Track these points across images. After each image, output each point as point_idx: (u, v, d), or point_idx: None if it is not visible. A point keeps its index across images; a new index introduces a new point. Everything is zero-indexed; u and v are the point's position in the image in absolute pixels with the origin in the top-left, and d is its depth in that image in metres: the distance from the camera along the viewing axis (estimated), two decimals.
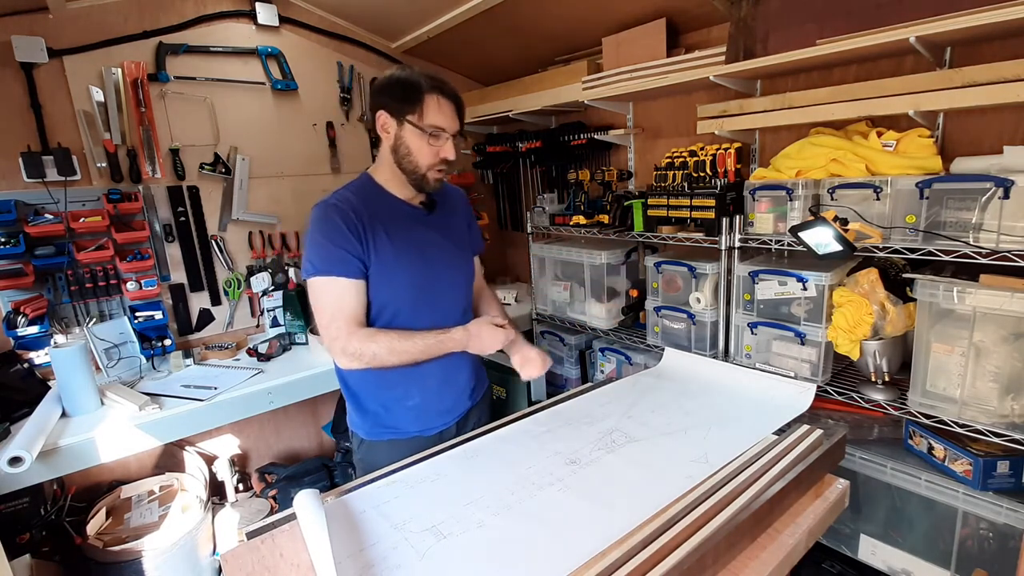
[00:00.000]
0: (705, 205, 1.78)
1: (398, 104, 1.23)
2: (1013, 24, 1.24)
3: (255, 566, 0.92)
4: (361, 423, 1.41)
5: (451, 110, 1.23)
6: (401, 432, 1.39)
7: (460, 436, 1.36)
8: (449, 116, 1.23)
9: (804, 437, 1.20)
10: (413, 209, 1.35)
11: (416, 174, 1.26)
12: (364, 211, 1.27)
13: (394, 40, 2.81)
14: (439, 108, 1.21)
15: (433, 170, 1.26)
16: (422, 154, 1.24)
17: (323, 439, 2.87)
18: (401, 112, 1.22)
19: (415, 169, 1.26)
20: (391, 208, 1.32)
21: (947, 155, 1.52)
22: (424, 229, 1.35)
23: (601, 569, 0.84)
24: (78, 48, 2.09)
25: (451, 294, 1.40)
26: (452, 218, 1.44)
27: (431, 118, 1.21)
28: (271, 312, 2.56)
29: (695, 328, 1.91)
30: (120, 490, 2.21)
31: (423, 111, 1.21)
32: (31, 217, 2.00)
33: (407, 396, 1.37)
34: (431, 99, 1.21)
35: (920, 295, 1.37)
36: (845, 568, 1.60)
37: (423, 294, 1.33)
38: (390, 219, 1.30)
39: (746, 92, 1.94)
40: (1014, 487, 1.27)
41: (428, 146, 1.23)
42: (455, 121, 1.24)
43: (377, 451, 1.38)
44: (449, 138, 1.24)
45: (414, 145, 1.24)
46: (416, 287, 1.32)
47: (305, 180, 2.69)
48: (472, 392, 1.48)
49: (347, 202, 1.27)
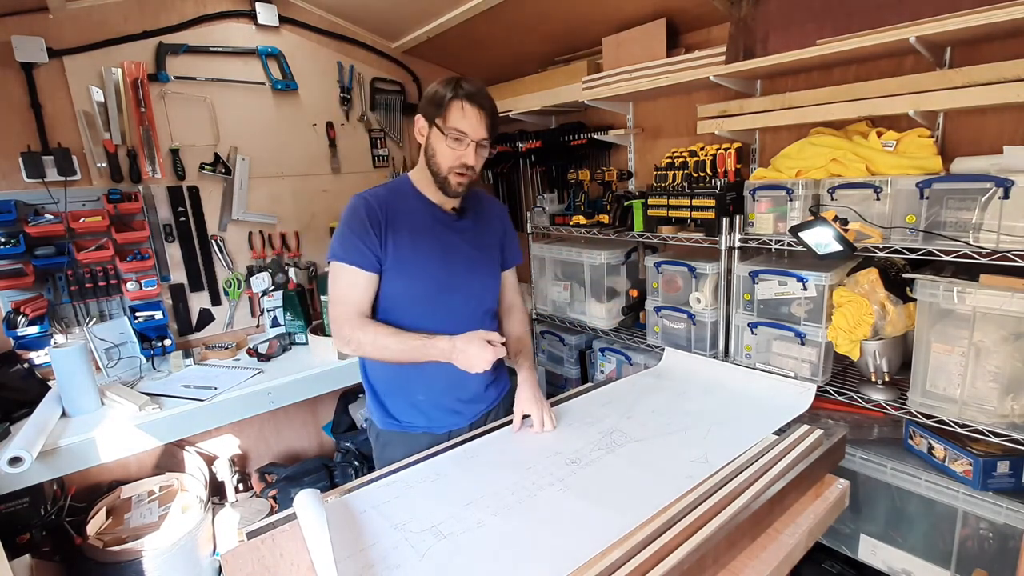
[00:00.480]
0: (705, 205, 1.78)
1: (431, 108, 1.27)
2: (1013, 24, 1.24)
3: (255, 566, 0.92)
4: (376, 411, 1.44)
5: (476, 118, 1.25)
6: (409, 427, 1.41)
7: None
8: (473, 123, 1.25)
9: (804, 437, 1.20)
10: (443, 213, 1.37)
11: (439, 176, 1.30)
12: (391, 208, 1.31)
13: (394, 40, 2.81)
14: (463, 114, 1.24)
15: (453, 173, 1.29)
16: (444, 157, 1.27)
17: (323, 439, 2.87)
18: (431, 116, 1.27)
19: (438, 171, 1.30)
20: (420, 208, 1.36)
21: (947, 155, 1.52)
22: (450, 233, 1.37)
23: (601, 569, 0.84)
24: (78, 48, 2.09)
25: (469, 301, 1.40)
26: (484, 228, 1.46)
27: (453, 122, 1.24)
28: (271, 312, 2.56)
29: (695, 328, 1.91)
30: (120, 490, 2.20)
31: (447, 115, 1.24)
32: (31, 217, 2.00)
33: (414, 392, 1.39)
34: (456, 104, 1.23)
35: (920, 295, 1.37)
36: (845, 568, 1.60)
37: (439, 295, 1.34)
38: (416, 218, 1.34)
39: (746, 92, 1.94)
40: (1014, 487, 1.27)
41: (449, 150, 1.26)
42: (480, 129, 1.26)
43: (389, 441, 1.42)
44: (471, 143, 1.26)
45: (438, 148, 1.28)
46: (431, 287, 1.34)
47: (305, 180, 2.69)
48: (485, 394, 1.47)
49: (376, 197, 1.32)
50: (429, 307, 1.34)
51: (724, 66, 1.78)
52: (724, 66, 1.78)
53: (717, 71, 1.79)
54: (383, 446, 1.43)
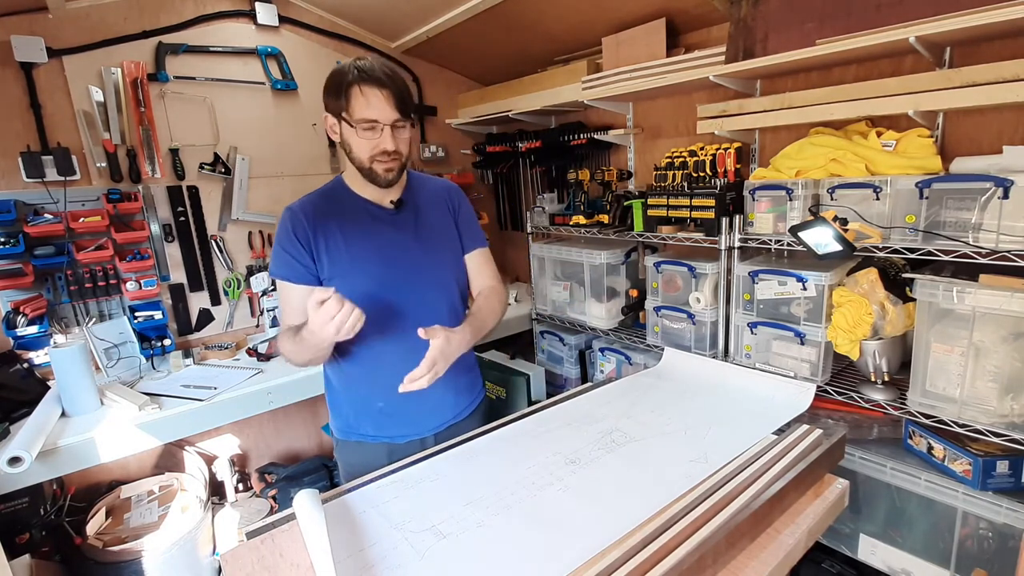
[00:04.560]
0: (705, 205, 1.78)
1: (332, 101, 1.18)
2: (1013, 24, 1.24)
3: (255, 566, 0.92)
4: (335, 421, 1.40)
5: (379, 99, 1.14)
6: (368, 436, 1.36)
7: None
8: (378, 105, 1.15)
9: (804, 437, 1.20)
10: (379, 210, 1.30)
11: (363, 168, 1.23)
12: (321, 214, 1.26)
13: (394, 40, 2.81)
14: (366, 100, 1.14)
15: (376, 162, 1.20)
16: (360, 148, 1.19)
17: (323, 439, 2.87)
18: (335, 110, 1.19)
19: (360, 164, 1.22)
20: (353, 209, 1.29)
21: (947, 155, 1.52)
22: (390, 230, 1.30)
23: (601, 569, 0.84)
24: (78, 48, 2.09)
25: (421, 300, 1.31)
26: (430, 216, 1.36)
27: (359, 112, 1.15)
28: (271, 312, 2.56)
29: (695, 328, 1.91)
30: (120, 490, 2.20)
31: (350, 106, 1.15)
32: (31, 217, 2.00)
33: (373, 398, 1.33)
34: (355, 91, 1.14)
35: (920, 295, 1.37)
36: (845, 568, 1.60)
37: (386, 296, 1.27)
38: (350, 221, 1.27)
39: (746, 92, 1.94)
40: (1014, 487, 1.27)
41: (365, 140, 1.18)
42: (389, 110, 1.15)
43: (348, 451, 1.37)
44: (386, 127, 1.16)
45: (352, 141, 1.19)
46: (375, 289, 1.26)
47: (305, 180, 2.69)
48: (452, 402, 1.40)
49: (305, 207, 1.27)
50: (376, 311, 1.21)
51: (724, 66, 1.78)
52: (724, 66, 1.78)
53: (717, 71, 1.79)
54: (343, 456, 1.38)
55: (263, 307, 2.57)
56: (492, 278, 1.46)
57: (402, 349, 1.26)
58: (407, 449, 1.34)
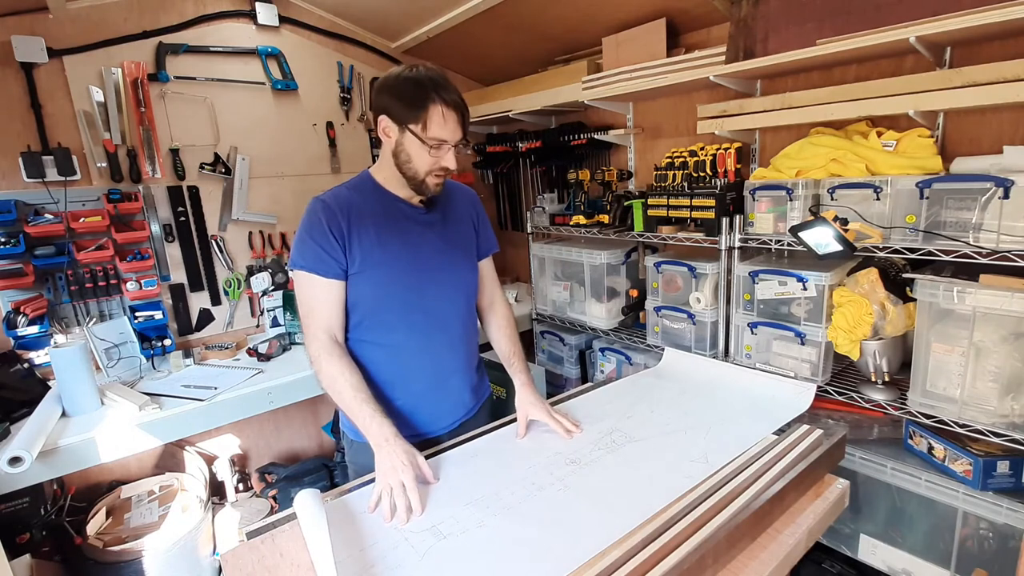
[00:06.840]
0: (705, 205, 1.78)
1: (401, 111, 1.19)
2: (1013, 24, 1.24)
3: (255, 566, 0.92)
4: (350, 423, 1.38)
5: (455, 121, 1.19)
6: None
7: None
8: (452, 127, 1.19)
9: (804, 437, 1.20)
10: (410, 208, 1.32)
11: (416, 180, 1.25)
12: (355, 208, 1.26)
13: (394, 40, 2.81)
14: (443, 120, 1.17)
15: (432, 175, 1.24)
16: (421, 162, 1.22)
17: (323, 439, 2.87)
18: (403, 120, 1.19)
19: (415, 175, 1.24)
20: (386, 206, 1.30)
21: (947, 155, 1.52)
22: (420, 229, 1.32)
23: (601, 569, 0.84)
24: (78, 48, 2.09)
25: (445, 299, 1.34)
26: (455, 218, 1.40)
27: (434, 131, 1.18)
28: (271, 312, 2.55)
29: (695, 328, 1.91)
30: (120, 490, 2.20)
31: (426, 123, 1.17)
32: (31, 217, 2.00)
33: (393, 399, 1.34)
34: (435, 111, 1.16)
35: (920, 295, 1.37)
36: (845, 568, 1.60)
37: (413, 293, 1.29)
38: (383, 217, 1.28)
39: (746, 92, 1.94)
40: (1014, 487, 1.27)
41: (428, 156, 1.20)
42: (458, 131, 1.21)
43: (365, 454, 1.34)
44: (451, 148, 1.21)
45: (415, 153, 1.21)
46: (404, 286, 1.28)
47: (305, 180, 2.69)
48: (466, 399, 1.43)
49: (337, 199, 1.26)
50: (403, 307, 1.28)
51: (724, 66, 1.78)
52: (724, 66, 1.78)
53: (717, 71, 1.79)
54: (357, 458, 1.37)
55: (263, 307, 2.57)
56: (498, 287, 1.52)
57: (424, 346, 1.31)
58: (421, 448, 1.33)
